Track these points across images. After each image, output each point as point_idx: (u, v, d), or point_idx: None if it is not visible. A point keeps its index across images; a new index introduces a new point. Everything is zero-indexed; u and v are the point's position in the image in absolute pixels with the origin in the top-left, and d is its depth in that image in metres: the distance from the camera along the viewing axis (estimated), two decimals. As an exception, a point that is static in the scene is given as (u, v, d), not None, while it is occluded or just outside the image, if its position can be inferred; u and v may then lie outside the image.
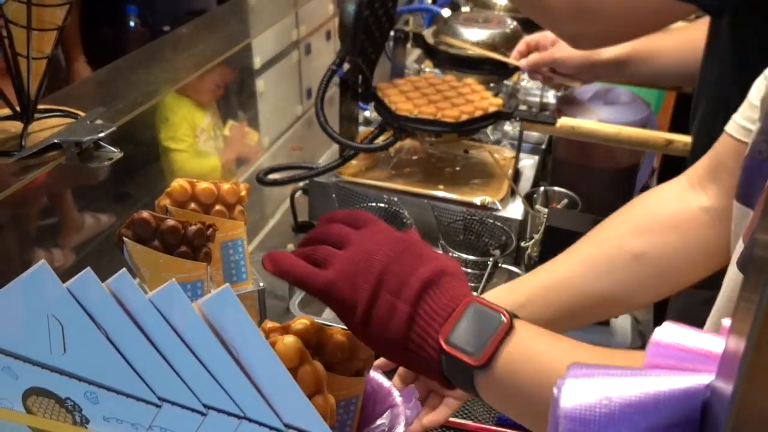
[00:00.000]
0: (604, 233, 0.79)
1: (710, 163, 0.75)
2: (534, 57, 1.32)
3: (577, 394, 0.30)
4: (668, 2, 0.92)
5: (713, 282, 0.70)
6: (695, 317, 0.64)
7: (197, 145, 1.64)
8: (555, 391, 0.31)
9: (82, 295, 0.40)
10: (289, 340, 0.58)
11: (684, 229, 0.74)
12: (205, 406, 0.41)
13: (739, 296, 0.28)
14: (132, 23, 2.37)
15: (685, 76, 1.16)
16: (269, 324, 0.65)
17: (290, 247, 1.09)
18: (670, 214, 0.75)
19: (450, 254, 0.96)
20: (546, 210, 1.03)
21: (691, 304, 1.04)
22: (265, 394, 0.39)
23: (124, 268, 0.39)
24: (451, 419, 0.89)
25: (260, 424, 0.40)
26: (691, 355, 0.33)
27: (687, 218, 0.74)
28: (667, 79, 1.21)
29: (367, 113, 1.43)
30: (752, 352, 0.26)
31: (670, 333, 0.34)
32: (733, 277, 0.65)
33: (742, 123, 0.70)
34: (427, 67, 1.62)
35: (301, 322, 0.63)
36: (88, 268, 0.39)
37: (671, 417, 0.30)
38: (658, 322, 1.11)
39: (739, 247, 0.63)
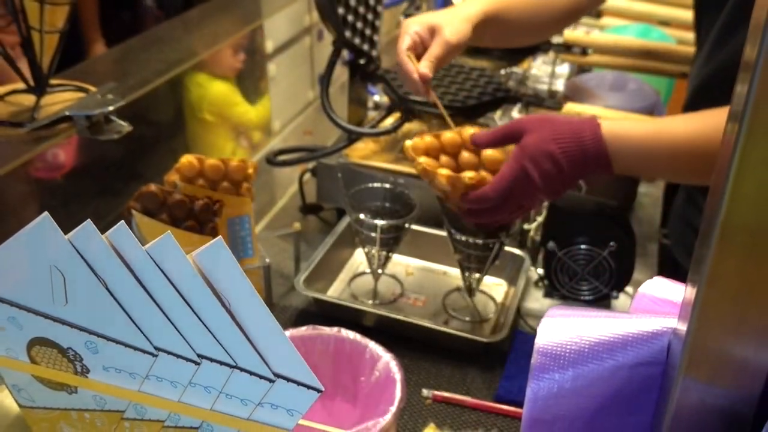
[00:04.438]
0: None
1: None
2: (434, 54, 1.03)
3: (552, 332, 0.32)
4: None
5: None
6: None
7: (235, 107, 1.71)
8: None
9: (83, 247, 0.41)
10: None
11: None
12: (198, 355, 0.43)
13: (694, 253, 0.29)
14: (148, 7, 2.41)
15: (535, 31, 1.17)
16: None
17: (296, 225, 1.11)
18: None
19: (454, 236, 0.97)
20: (549, 192, 1.04)
21: None
22: (255, 344, 0.41)
23: (122, 221, 0.40)
24: (450, 395, 0.91)
25: (251, 373, 0.42)
26: (666, 305, 0.34)
27: None
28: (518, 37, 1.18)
29: (376, 98, 1.45)
30: (702, 297, 0.27)
31: (652, 286, 0.36)
32: None
33: None
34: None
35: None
36: (89, 220, 0.41)
37: (637, 357, 0.31)
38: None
39: None
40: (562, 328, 0.32)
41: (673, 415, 0.29)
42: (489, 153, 0.95)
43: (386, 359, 0.76)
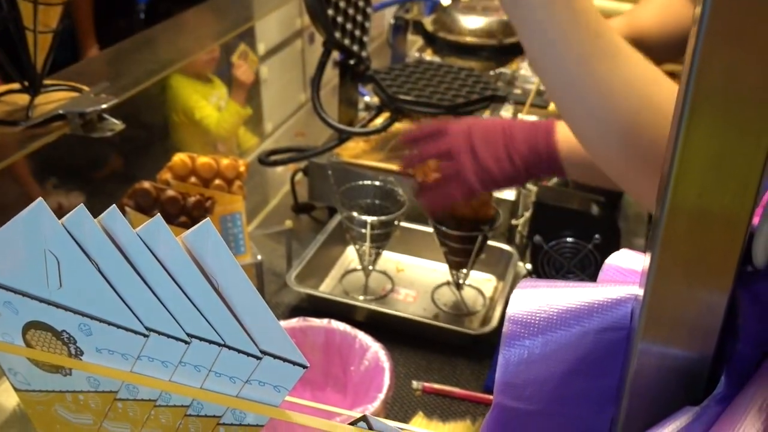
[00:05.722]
0: None
1: None
2: None
3: (522, 301, 0.34)
4: None
5: None
6: None
7: (219, 107, 1.70)
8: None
9: (76, 231, 0.43)
10: None
11: None
12: (188, 335, 0.44)
13: (652, 222, 0.31)
14: (143, 15, 2.43)
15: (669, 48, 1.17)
16: None
17: (288, 223, 1.13)
18: None
19: (439, 229, 0.99)
20: (535, 188, 1.06)
21: None
22: (243, 323, 0.43)
23: (114, 205, 0.42)
24: (440, 386, 0.92)
25: (239, 351, 0.43)
26: (631, 275, 0.36)
27: None
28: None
29: (367, 98, 1.47)
30: (656, 261, 0.29)
31: (619, 257, 0.38)
32: None
33: None
34: (428, 56, 1.65)
35: None
36: (81, 204, 0.42)
37: (603, 323, 0.33)
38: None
39: None
40: (532, 297, 0.34)
41: (633, 375, 0.31)
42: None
43: (375, 349, 0.77)
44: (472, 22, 1.45)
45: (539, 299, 0.34)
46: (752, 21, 0.24)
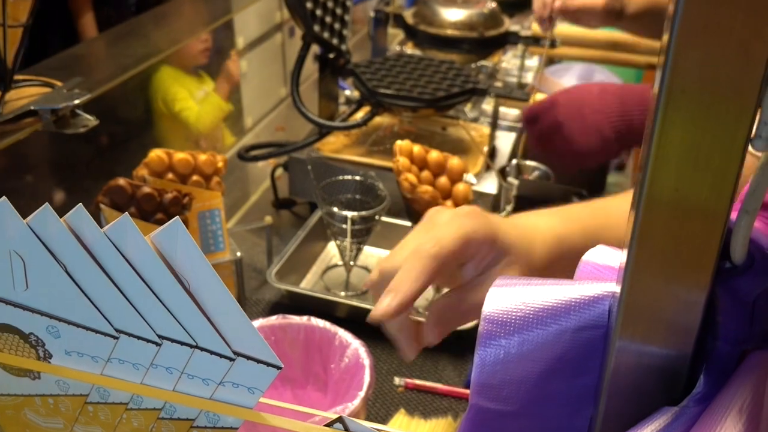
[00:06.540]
0: None
1: None
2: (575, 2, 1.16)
3: (498, 300, 0.33)
4: None
5: None
6: None
7: (200, 100, 1.67)
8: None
9: (42, 231, 0.42)
10: None
11: None
12: (159, 336, 0.43)
13: (629, 217, 0.31)
14: (134, 7, 2.40)
15: None
16: None
17: (268, 218, 1.11)
18: None
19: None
20: (516, 182, 1.06)
21: None
22: (215, 324, 0.42)
23: (80, 203, 0.41)
24: (422, 382, 0.92)
25: (211, 352, 0.42)
26: (608, 271, 0.36)
27: None
28: None
29: (347, 92, 1.45)
30: (633, 255, 0.28)
31: (595, 254, 0.37)
32: None
33: None
34: (409, 49, 1.64)
35: None
36: (47, 203, 0.41)
37: (580, 320, 0.32)
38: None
39: None
40: (508, 296, 0.34)
41: (611, 374, 0.30)
42: (461, 188, 0.97)
43: (355, 346, 0.77)
44: (452, 15, 1.44)
45: (515, 297, 0.33)
46: (727, 13, 0.23)
